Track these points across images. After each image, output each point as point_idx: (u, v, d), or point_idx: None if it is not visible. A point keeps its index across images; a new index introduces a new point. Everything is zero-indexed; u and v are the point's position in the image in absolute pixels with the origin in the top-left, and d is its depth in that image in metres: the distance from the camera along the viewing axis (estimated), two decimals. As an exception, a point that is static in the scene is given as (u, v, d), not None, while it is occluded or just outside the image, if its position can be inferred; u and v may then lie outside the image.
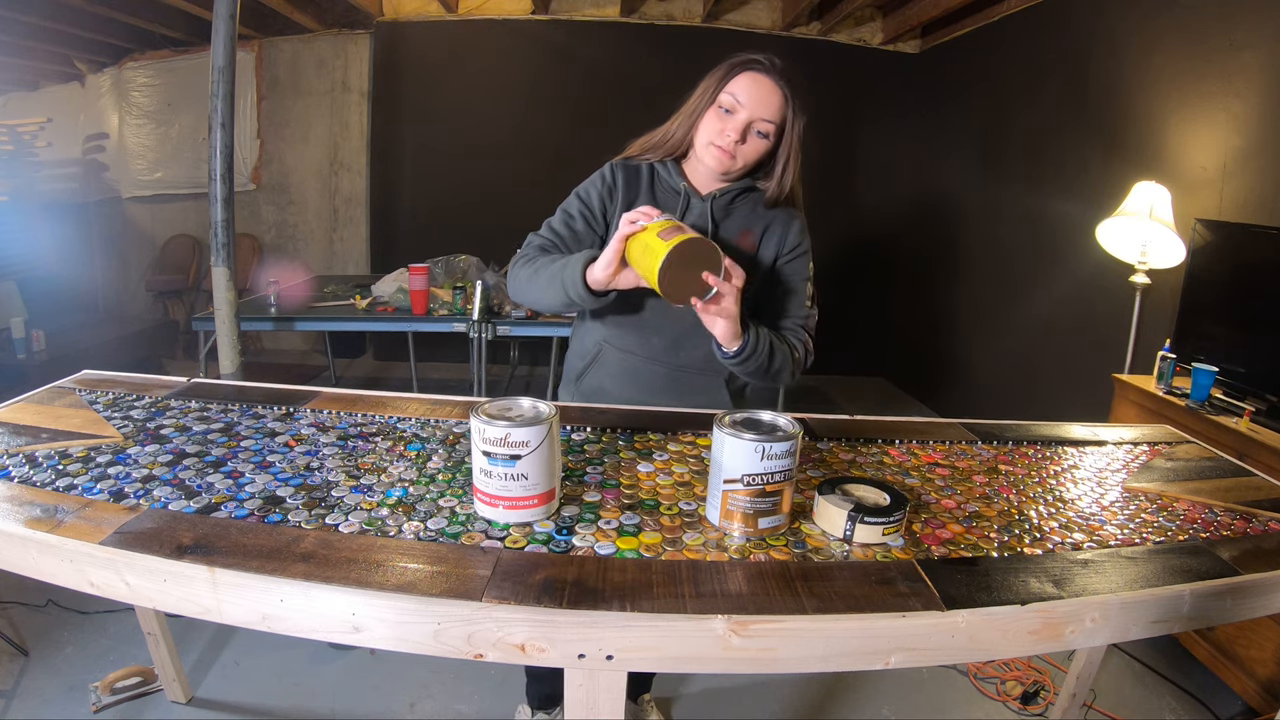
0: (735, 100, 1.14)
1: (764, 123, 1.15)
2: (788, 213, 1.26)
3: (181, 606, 0.74)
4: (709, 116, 1.17)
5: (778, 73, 1.14)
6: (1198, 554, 0.86)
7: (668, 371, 1.27)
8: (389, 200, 4.82)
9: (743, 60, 1.15)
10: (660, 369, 1.27)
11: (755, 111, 1.14)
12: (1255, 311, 2.02)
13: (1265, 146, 2.14)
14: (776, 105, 1.14)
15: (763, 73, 1.14)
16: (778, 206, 1.25)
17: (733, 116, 1.14)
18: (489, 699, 1.76)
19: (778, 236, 1.25)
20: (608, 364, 1.29)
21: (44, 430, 1.04)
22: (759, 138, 1.16)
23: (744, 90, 1.14)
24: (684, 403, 1.25)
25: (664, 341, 1.25)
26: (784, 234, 1.25)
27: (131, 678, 1.69)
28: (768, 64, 1.14)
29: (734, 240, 1.23)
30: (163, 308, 5.07)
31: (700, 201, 1.23)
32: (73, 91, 4.99)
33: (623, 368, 1.28)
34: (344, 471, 0.95)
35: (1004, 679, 1.91)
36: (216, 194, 2.63)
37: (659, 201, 1.25)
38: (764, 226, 1.25)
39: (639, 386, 1.28)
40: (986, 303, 3.80)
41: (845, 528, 0.82)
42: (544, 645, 0.68)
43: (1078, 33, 3.05)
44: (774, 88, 1.14)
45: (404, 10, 4.52)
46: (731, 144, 1.14)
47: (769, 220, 1.25)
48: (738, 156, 1.16)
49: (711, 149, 1.16)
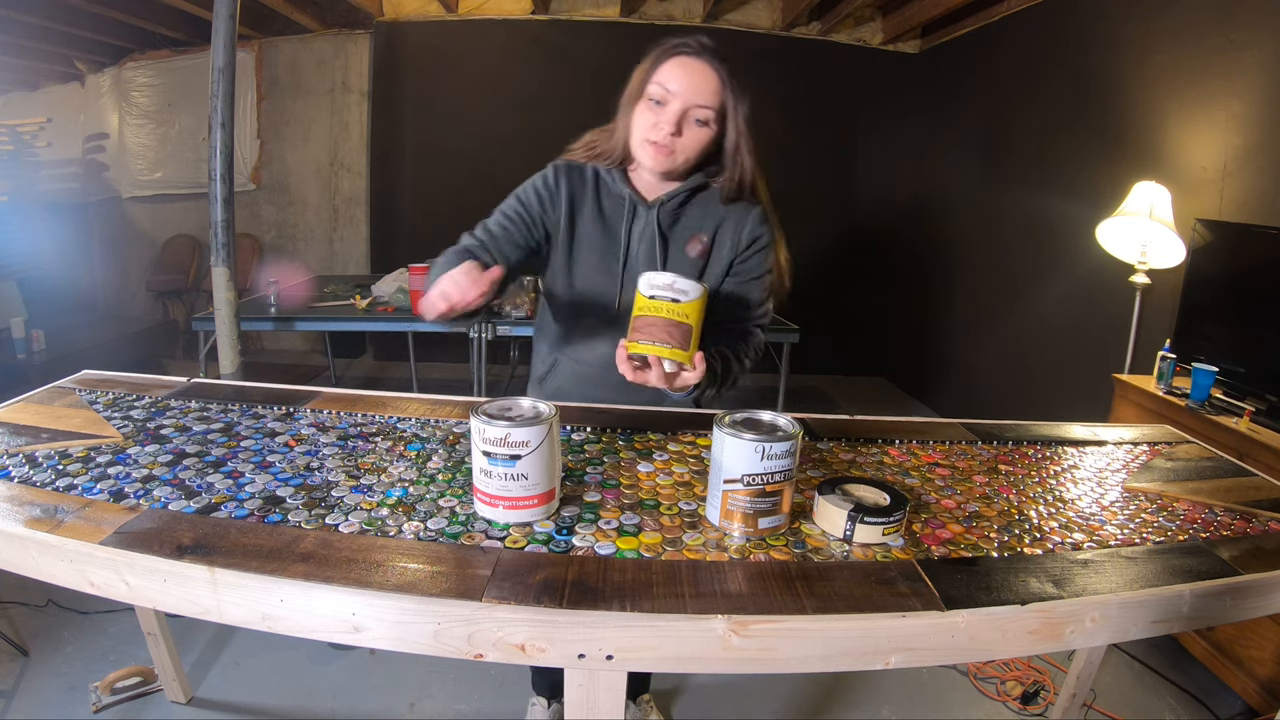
0: (665, 89, 1.04)
1: (700, 109, 1.05)
2: (745, 205, 1.17)
3: (181, 606, 0.73)
4: (640, 111, 1.07)
5: (710, 53, 1.05)
6: (1198, 554, 0.86)
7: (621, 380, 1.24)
8: (389, 200, 4.82)
9: (669, 46, 1.06)
10: (614, 375, 1.23)
11: (689, 98, 1.04)
12: (1255, 311, 2.02)
13: (1265, 146, 2.14)
14: (711, 88, 1.05)
15: (691, 55, 1.05)
16: (738, 201, 1.16)
17: (664, 108, 1.05)
18: (489, 699, 1.76)
19: (732, 233, 1.16)
20: (564, 372, 1.27)
21: (44, 430, 1.04)
22: (698, 126, 1.06)
23: (673, 77, 1.04)
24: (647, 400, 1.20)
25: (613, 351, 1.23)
26: (739, 229, 1.16)
27: (131, 678, 1.69)
28: (696, 46, 1.05)
29: (683, 248, 1.16)
30: (163, 308, 5.07)
31: (646, 210, 1.15)
32: (73, 91, 4.99)
33: (579, 376, 1.25)
34: (344, 471, 0.95)
35: (1004, 679, 1.91)
36: (216, 194, 2.64)
37: (604, 210, 1.16)
38: (716, 225, 1.16)
39: (598, 393, 1.24)
40: (987, 303, 3.80)
41: (845, 528, 0.82)
42: (544, 645, 0.68)
43: (1078, 33, 3.05)
44: (706, 70, 1.04)
45: (404, 10, 4.52)
46: (667, 138, 1.05)
47: (722, 217, 1.16)
48: (677, 151, 1.06)
49: (646, 146, 1.07)
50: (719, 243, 1.18)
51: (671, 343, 0.91)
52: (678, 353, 0.91)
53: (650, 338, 0.92)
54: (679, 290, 0.91)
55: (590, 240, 1.18)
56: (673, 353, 0.91)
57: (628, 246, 1.17)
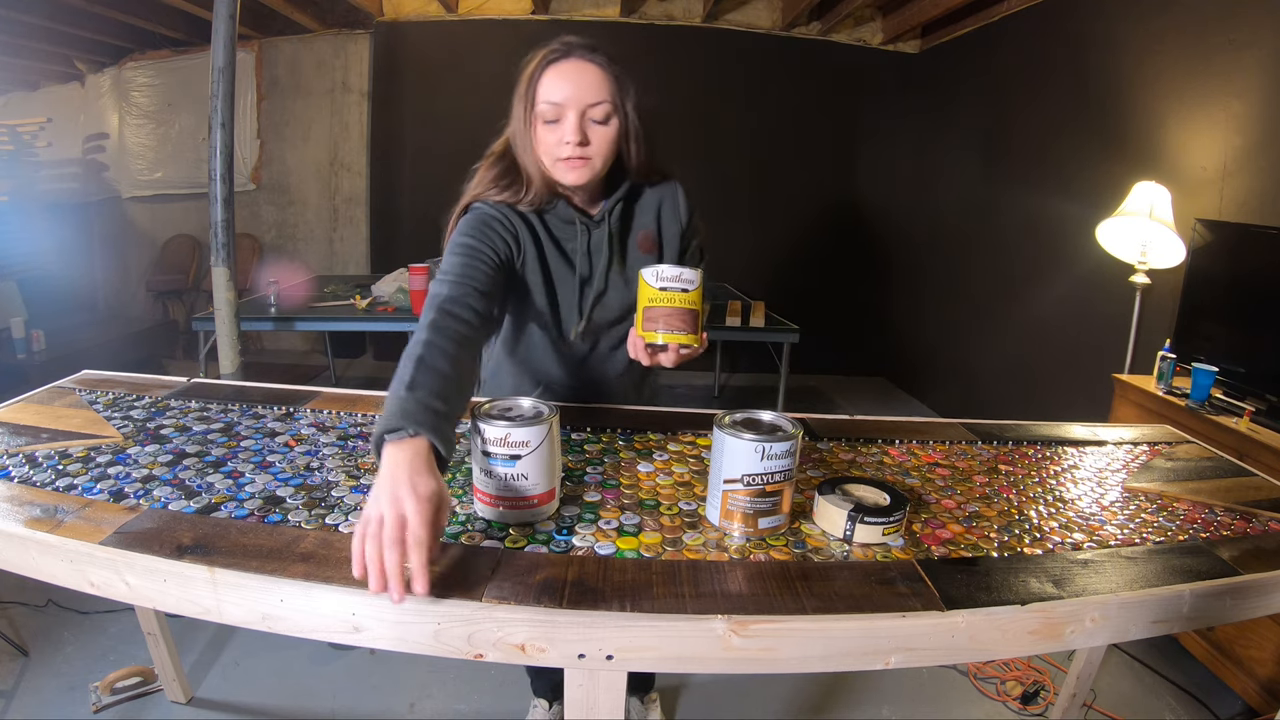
0: (552, 104, 1.02)
1: (595, 107, 1.02)
2: (665, 184, 1.19)
3: (181, 606, 0.73)
4: (540, 136, 1.05)
5: (579, 49, 1.04)
6: (1198, 554, 0.86)
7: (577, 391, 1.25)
8: (389, 200, 4.82)
9: (538, 60, 1.04)
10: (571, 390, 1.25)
11: (580, 100, 1.01)
12: (1255, 311, 2.02)
13: (1265, 146, 2.14)
14: (596, 82, 1.02)
15: (562, 59, 1.03)
16: (649, 181, 1.17)
17: (561, 121, 1.02)
18: (489, 699, 1.76)
19: (672, 212, 1.20)
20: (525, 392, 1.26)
21: (44, 430, 1.04)
22: (600, 124, 1.04)
23: (555, 88, 1.02)
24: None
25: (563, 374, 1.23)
26: (675, 206, 1.20)
27: (131, 678, 1.69)
28: (563, 48, 1.04)
29: (637, 248, 1.19)
30: (163, 308, 5.07)
31: (599, 229, 1.14)
32: (73, 91, 4.99)
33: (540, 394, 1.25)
34: (344, 471, 0.95)
35: (1004, 679, 1.91)
36: (216, 194, 2.64)
37: (558, 237, 1.13)
38: (655, 211, 1.19)
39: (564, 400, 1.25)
40: (987, 303, 3.80)
41: (845, 528, 0.82)
42: (544, 645, 0.68)
43: (1078, 32, 3.05)
44: (583, 67, 1.02)
45: (404, 10, 4.52)
46: (576, 149, 1.02)
47: (658, 201, 1.19)
48: (592, 157, 1.04)
49: (560, 166, 1.05)
50: (665, 227, 1.21)
51: (686, 329, 0.98)
52: (690, 337, 0.99)
53: (668, 327, 0.98)
54: (686, 280, 0.98)
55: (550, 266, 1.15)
56: (687, 338, 0.99)
57: (589, 265, 1.16)
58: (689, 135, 4.54)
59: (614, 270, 1.17)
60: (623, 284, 1.17)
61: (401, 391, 0.77)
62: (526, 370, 1.24)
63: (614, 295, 1.17)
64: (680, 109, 4.49)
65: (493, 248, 1.07)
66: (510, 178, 1.11)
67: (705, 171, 4.57)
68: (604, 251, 1.15)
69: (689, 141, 4.54)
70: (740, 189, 4.72)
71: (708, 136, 4.60)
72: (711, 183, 4.58)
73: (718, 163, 4.64)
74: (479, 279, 1.01)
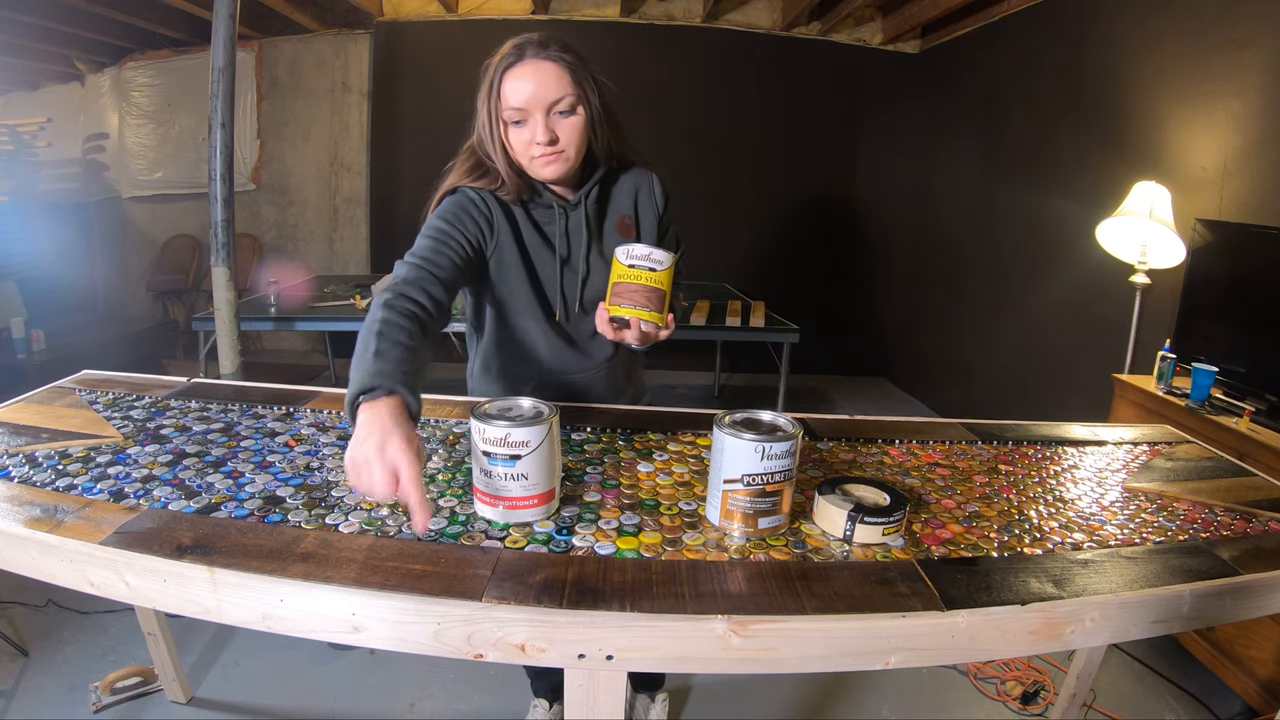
0: (516, 109, 1.04)
1: (560, 103, 1.05)
2: (638, 172, 1.22)
3: (181, 606, 0.74)
4: (512, 136, 1.08)
5: (533, 48, 1.05)
6: (1198, 554, 0.86)
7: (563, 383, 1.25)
8: (389, 200, 4.82)
9: (496, 67, 1.06)
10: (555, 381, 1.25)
11: (542, 99, 1.04)
12: (1255, 311, 2.02)
13: (1265, 146, 2.14)
14: (554, 78, 1.04)
15: (518, 63, 1.05)
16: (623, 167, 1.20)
17: (527, 122, 1.05)
18: (489, 699, 1.76)
19: (649, 196, 1.22)
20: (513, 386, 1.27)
21: (44, 430, 1.04)
22: (568, 117, 1.06)
23: (516, 91, 1.04)
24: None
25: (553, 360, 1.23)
26: (651, 191, 1.22)
27: (131, 678, 1.69)
28: (516, 53, 1.06)
29: (615, 232, 1.20)
30: (163, 308, 5.07)
31: (576, 211, 1.16)
32: (73, 91, 4.99)
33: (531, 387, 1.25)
34: (344, 471, 0.95)
35: (1004, 679, 1.91)
36: (216, 194, 2.64)
37: (538, 220, 1.16)
38: (633, 198, 1.21)
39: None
40: (986, 303, 3.80)
41: (845, 528, 0.82)
42: (544, 645, 0.68)
43: (1077, 32, 3.05)
44: (540, 66, 1.04)
45: (404, 10, 4.52)
46: (547, 147, 1.05)
47: (635, 186, 1.21)
48: (564, 150, 1.07)
49: (535, 163, 1.08)
50: (642, 212, 1.23)
51: (650, 306, 1.02)
52: (655, 315, 1.03)
53: (631, 302, 1.02)
54: (655, 260, 1.02)
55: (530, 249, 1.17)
56: (651, 315, 1.02)
57: (568, 247, 1.18)
58: (689, 135, 4.54)
59: (594, 253, 1.19)
60: (603, 267, 1.18)
61: (369, 358, 0.82)
62: (516, 359, 1.24)
63: (597, 278, 1.18)
64: (680, 109, 4.49)
65: (463, 232, 1.10)
66: (483, 170, 1.14)
67: (705, 171, 4.57)
68: (582, 233, 1.17)
69: (689, 141, 4.54)
70: (740, 189, 4.72)
71: (708, 136, 4.60)
72: (711, 182, 4.58)
73: (718, 162, 4.64)
74: (441, 264, 1.04)
